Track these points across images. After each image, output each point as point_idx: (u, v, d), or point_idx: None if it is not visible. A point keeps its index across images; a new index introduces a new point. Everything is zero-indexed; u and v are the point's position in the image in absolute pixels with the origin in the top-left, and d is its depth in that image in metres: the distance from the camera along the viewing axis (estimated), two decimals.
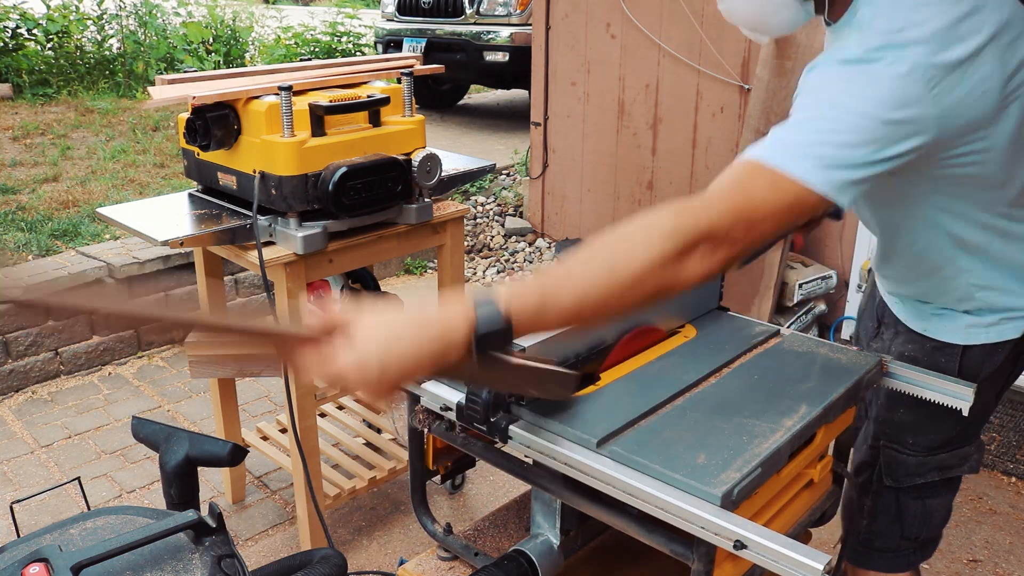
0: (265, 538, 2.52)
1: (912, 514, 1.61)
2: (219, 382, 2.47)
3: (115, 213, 2.09)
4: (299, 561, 1.31)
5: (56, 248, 3.66)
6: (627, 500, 1.13)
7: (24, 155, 5.09)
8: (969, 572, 2.38)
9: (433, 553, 1.53)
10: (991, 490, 2.76)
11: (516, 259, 4.78)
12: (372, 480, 2.41)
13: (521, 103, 7.83)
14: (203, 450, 1.36)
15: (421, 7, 6.71)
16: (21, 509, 2.57)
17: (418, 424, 1.44)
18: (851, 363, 1.46)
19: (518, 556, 1.35)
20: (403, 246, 2.26)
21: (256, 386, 3.43)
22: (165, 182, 4.66)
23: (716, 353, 1.49)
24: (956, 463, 1.52)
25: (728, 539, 1.04)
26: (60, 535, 1.10)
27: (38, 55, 7.13)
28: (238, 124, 2.01)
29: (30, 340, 3.30)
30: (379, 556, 2.45)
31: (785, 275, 3.53)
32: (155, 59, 7.64)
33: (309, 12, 11.09)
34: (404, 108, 2.17)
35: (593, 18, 4.33)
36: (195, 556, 1.08)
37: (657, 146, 4.19)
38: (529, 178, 4.95)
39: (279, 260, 1.98)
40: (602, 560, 1.53)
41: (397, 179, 2.07)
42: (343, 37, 8.55)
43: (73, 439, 3.02)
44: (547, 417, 1.25)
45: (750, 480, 1.11)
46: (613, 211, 4.50)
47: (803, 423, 1.25)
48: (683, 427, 1.23)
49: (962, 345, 1.47)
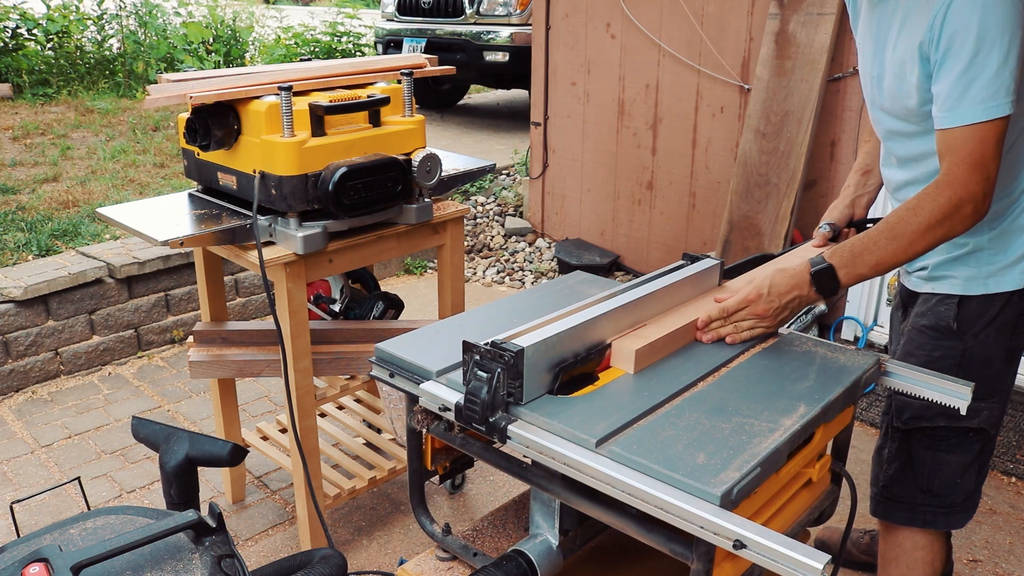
0: (265, 538, 2.52)
1: (922, 460, 1.70)
2: (219, 382, 2.47)
3: (115, 213, 2.09)
4: (299, 561, 1.31)
5: (56, 248, 3.66)
6: (626, 500, 1.13)
7: (24, 155, 5.09)
8: (969, 572, 2.38)
9: (432, 553, 1.53)
10: (991, 490, 2.76)
11: (516, 259, 4.78)
12: (372, 480, 2.41)
13: (521, 103, 7.83)
14: (203, 450, 1.36)
15: (421, 7, 6.71)
16: (21, 509, 2.57)
17: (417, 424, 1.44)
18: (850, 363, 1.46)
19: (517, 556, 1.35)
20: (403, 246, 2.26)
21: (256, 386, 3.43)
22: (165, 182, 4.67)
23: (715, 353, 1.49)
24: (966, 414, 1.53)
25: (727, 538, 1.04)
26: (60, 535, 1.10)
27: (38, 55, 7.14)
28: (238, 124, 2.01)
29: (30, 340, 3.30)
30: (379, 556, 2.45)
31: None
32: (155, 59, 7.64)
33: (309, 12, 11.09)
34: (404, 108, 2.17)
35: (593, 18, 4.33)
36: (195, 556, 1.08)
37: (657, 146, 4.19)
38: (529, 178, 4.95)
39: (279, 260, 1.98)
40: (601, 560, 1.53)
41: (397, 179, 2.07)
42: (343, 37, 8.56)
43: (73, 439, 3.02)
44: (546, 417, 1.25)
45: (749, 480, 1.11)
46: (613, 211, 4.50)
47: (802, 423, 1.25)
48: (682, 427, 1.24)
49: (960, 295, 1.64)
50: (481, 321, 1.60)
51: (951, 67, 1.40)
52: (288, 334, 2.04)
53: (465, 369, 1.30)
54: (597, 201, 4.58)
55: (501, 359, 1.26)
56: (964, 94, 1.39)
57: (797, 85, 3.43)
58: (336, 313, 2.57)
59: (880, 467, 1.78)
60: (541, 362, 1.31)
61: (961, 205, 1.43)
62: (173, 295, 3.68)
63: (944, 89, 1.42)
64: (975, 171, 1.42)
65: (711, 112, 3.92)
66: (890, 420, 1.76)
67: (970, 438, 1.69)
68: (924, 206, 1.46)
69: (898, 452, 1.73)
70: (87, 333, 3.46)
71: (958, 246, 1.62)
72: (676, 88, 4.03)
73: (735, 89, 3.79)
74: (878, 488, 1.78)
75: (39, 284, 3.27)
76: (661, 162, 4.19)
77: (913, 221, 1.46)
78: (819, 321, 3.74)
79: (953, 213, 1.44)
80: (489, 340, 1.29)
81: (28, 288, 3.24)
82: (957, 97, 1.40)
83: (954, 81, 1.40)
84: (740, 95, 3.78)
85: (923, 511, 1.73)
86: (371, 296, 2.60)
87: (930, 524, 1.74)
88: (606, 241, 4.58)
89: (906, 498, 1.74)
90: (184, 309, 3.74)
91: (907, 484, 1.73)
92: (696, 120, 3.99)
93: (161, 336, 3.68)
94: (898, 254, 1.48)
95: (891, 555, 1.81)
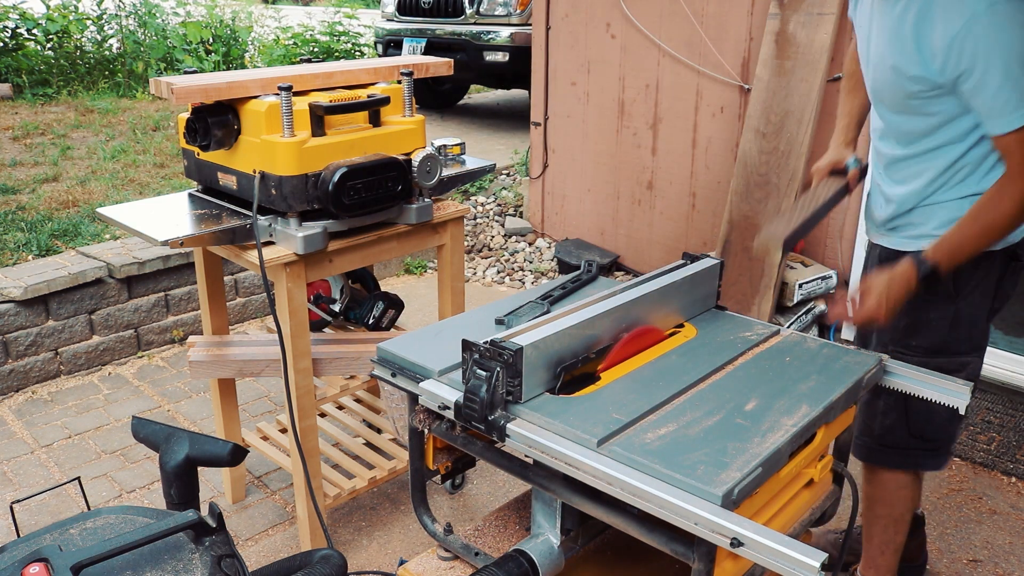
0: (265, 538, 2.52)
1: (916, 410, 1.86)
2: (219, 382, 2.47)
3: (115, 213, 2.09)
4: (299, 561, 1.31)
5: (56, 248, 3.66)
6: (628, 500, 1.13)
7: (24, 155, 5.09)
8: (969, 572, 2.38)
9: (433, 553, 1.53)
10: (991, 490, 2.76)
11: (516, 259, 4.78)
12: (372, 480, 2.41)
13: (521, 103, 7.83)
14: (203, 450, 1.35)
15: (421, 7, 6.71)
16: (21, 509, 2.57)
17: (418, 424, 1.44)
18: (851, 363, 1.46)
19: (518, 556, 1.35)
20: (403, 246, 2.26)
21: (256, 386, 3.43)
22: (165, 182, 4.66)
23: (716, 353, 1.49)
24: (955, 368, 1.77)
25: (725, 537, 1.04)
26: (60, 535, 1.10)
27: (38, 55, 7.14)
28: (238, 124, 2.01)
29: (30, 340, 3.30)
30: (379, 556, 2.45)
31: (785, 275, 3.53)
32: (155, 59, 7.64)
33: (307, 12, 11.09)
34: (404, 108, 2.17)
35: (593, 18, 4.33)
36: (195, 556, 1.08)
37: (657, 146, 4.19)
38: (529, 178, 4.95)
39: (279, 260, 1.98)
40: (602, 560, 1.53)
41: (397, 179, 2.07)
42: (342, 37, 8.56)
43: (73, 439, 3.02)
44: (548, 417, 1.25)
45: (751, 480, 1.11)
46: (613, 211, 4.50)
47: (803, 423, 1.25)
48: (684, 427, 1.23)
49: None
50: (481, 321, 1.60)
51: (989, 81, 1.54)
52: (288, 334, 2.04)
53: (465, 368, 1.30)
54: (597, 201, 4.58)
55: (500, 358, 1.26)
56: (1007, 103, 1.54)
57: (797, 85, 3.43)
58: (336, 313, 2.56)
59: (874, 418, 1.94)
60: (540, 361, 1.31)
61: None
62: (173, 295, 3.68)
63: (985, 104, 1.57)
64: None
65: (711, 112, 3.92)
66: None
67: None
68: (1002, 198, 1.61)
69: (895, 404, 1.88)
70: (87, 333, 3.46)
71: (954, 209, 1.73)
72: (676, 88, 4.03)
73: (735, 89, 3.79)
74: (872, 437, 1.95)
75: (39, 284, 3.27)
76: (661, 162, 4.19)
77: (997, 213, 1.62)
78: (819, 321, 3.74)
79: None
80: (488, 339, 1.29)
81: (28, 288, 3.24)
82: (1002, 106, 1.55)
83: (994, 93, 1.54)
84: (740, 95, 3.78)
85: (915, 455, 1.93)
86: (371, 296, 2.60)
87: (920, 466, 1.96)
88: (606, 241, 4.58)
89: (900, 444, 1.92)
90: (184, 309, 3.74)
91: (901, 432, 1.91)
92: (696, 120, 3.99)
93: (161, 336, 3.68)
94: (989, 243, 1.67)
95: (876, 495, 2.01)
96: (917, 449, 1.92)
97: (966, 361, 1.83)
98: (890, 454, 1.95)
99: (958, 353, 1.82)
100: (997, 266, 1.77)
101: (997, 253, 1.74)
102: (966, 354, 1.83)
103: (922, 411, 1.85)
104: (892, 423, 1.91)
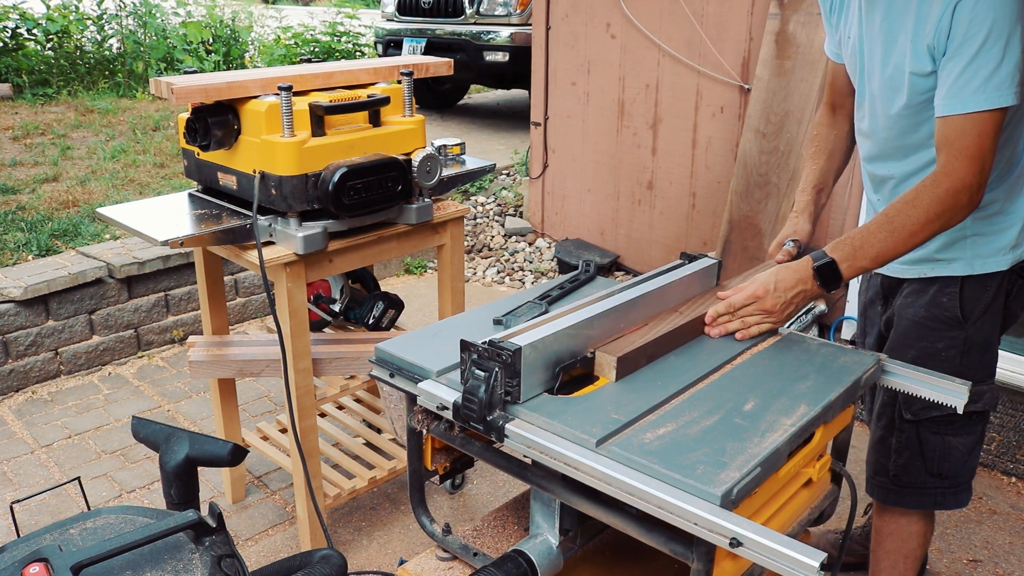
0: (265, 538, 2.52)
1: (932, 447, 1.76)
2: (219, 382, 2.47)
3: (115, 213, 2.09)
4: (299, 561, 1.31)
5: (56, 248, 3.66)
6: (627, 500, 1.13)
7: (24, 155, 5.09)
8: (969, 572, 2.38)
9: (432, 553, 1.53)
10: (991, 490, 2.76)
11: (516, 259, 4.78)
12: (372, 480, 2.41)
13: (521, 103, 7.83)
14: (203, 450, 1.36)
15: (421, 7, 6.71)
16: (21, 509, 2.57)
17: (416, 424, 1.44)
18: (850, 363, 1.47)
19: (517, 556, 1.35)
20: (403, 246, 2.27)
21: (256, 386, 3.43)
22: (165, 182, 4.66)
23: (715, 353, 1.49)
24: (970, 400, 1.59)
25: (724, 536, 1.04)
26: (60, 535, 1.10)
27: (38, 55, 7.14)
28: (238, 124, 2.01)
29: (30, 340, 3.30)
30: (379, 556, 2.45)
31: None
32: (155, 59, 7.64)
33: (308, 12, 11.09)
34: (404, 108, 2.17)
35: (593, 18, 4.33)
36: (195, 556, 1.08)
37: (657, 146, 4.19)
38: (529, 178, 4.95)
39: (279, 260, 1.98)
40: (601, 560, 1.53)
41: (397, 179, 2.07)
42: (343, 37, 8.55)
43: (73, 439, 3.02)
44: (546, 417, 1.25)
45: (750, 479, 1.11)
46: (613, 211, 4.50)
47: (802, 422, 1.25)
48: (682, 427, 1.23)
49: (961, 277, 1.66)
50: (480, 321, 1.60)
51: (957, 61, 1.42)
52: (288, 334, 2.04)
53: (463, 368, 1.30)
54: (597, 201, 4.58)
55: (499, 358, 1.26)
56: (967, 84, 1.42)
57: (797, 85, 3.43)
58: (336, 313, 2.57)
59: (887, 457, 1.83)
60: (539, 361, 1.31)
61: (958, 196, 1.46)
62: (173, 295, 3.68)
63: (949, 79, 1.44)
64: (973, 163, 1.44)
65: (711, 112, 3.92)
66: (898, 412, 1.80)
67: (974, 420, 1.77)
68: (923, 198, 1.48)
69: (908, 442, 1.78)
70: (87, 333, 3.46)
71: (955, 230, 1.64)
72: (676, 88, 4.03)
73: (735, 89, 3.79)
74: (887, 477, 1.84)
75: (39, 284, 3.27)
76: (661, 162, 4.19)
77: (912, 213, 1.48)
78: (819, 321, 3.74)
79: (952, 204, 1.47)
80: (487, 339, 1.29)
81: (28, 288, 3.24)
82: (961, 86, 1.42)
83: (959, 72, 1.42)
84: (740, 95, 3.78)
85: (933, 493, 1.81)
86: (371, 296, 2.60)
87: (941, 506, 1.82)
88: (606, 241, 4.58)
89: (916, 483, 1.81)
90: (184, 309, 3.74)
91: (917, 471, 1.79)
92: (696, 120, 3.99)
93: (161, 336, 3.68)
94: (898, 246, 1.51)
95: (887, 531, 1.89)
96: (936, 488, 1.80)
97: (982, 391, 1.70)
98: (908, 494, 1.83)
99: (972, 383, 1.62)
100: (1005, 285, 1.68)
101: (1003, 272, 1.66)
102: (980, 382, 1.69)
103: (938, 447, 1.76)
104: (907, 461, 1.80)
